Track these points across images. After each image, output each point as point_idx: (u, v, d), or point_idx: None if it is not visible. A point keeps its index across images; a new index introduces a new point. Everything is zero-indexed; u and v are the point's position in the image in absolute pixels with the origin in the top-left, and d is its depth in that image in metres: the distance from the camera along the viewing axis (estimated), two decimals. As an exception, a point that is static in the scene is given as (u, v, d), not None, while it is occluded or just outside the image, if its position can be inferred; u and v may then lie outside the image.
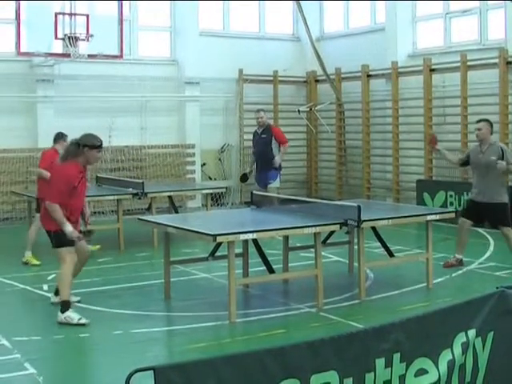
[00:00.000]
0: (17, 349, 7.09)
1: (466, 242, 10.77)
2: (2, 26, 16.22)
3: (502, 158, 10.35)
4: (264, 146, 13.52)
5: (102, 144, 8.33)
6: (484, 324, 4.67)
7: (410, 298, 9.01)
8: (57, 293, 8.52)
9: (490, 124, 10.79)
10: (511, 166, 10.41)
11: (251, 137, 15.01)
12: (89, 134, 8.39)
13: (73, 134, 16.25)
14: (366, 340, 4.16)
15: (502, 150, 10.48)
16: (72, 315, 8.01)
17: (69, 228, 7.93)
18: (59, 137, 11.53)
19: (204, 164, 18.50)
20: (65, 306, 8.06)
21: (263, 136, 13.65)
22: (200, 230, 8.10)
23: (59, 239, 8.06)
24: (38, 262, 11.24)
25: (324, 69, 17.75)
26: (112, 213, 14.29)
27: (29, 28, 15.82)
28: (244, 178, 14.27)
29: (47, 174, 10.84)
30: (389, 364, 4.22)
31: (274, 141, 13.58)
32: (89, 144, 8.18)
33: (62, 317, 8.00)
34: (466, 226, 10.67)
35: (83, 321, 7.98)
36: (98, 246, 11.96)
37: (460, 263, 10.72)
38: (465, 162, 11.10)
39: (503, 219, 10.54)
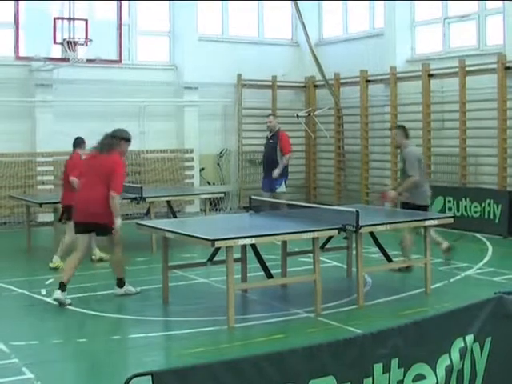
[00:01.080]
0: (14, 353, 7.08)
1: (409, 244, 10.57)
2: (1, 30, 16.24)
3: (405, 165, 10.61)
4: (270, 151, 13.54)
5: (131, 139, 9.54)
6: (482, 329, 4.67)
7: (408, 303, 9.01)
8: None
9: (403, 129, 11.06)
10: (407, 180, 10.52)
11: (250, 142, 15.02)
12: (122, 129, 9.49)
13: (72, 139, 16.32)
14: (364, 345, 4.16)
15: (404, 158, 10.67)
16: (130, 287, 9.41)
17: (120, 221, 9.14)
18: (82, 141, 11.84)
19: (203, 169, 18.50)
20: (122, 281, 9.37)
21: (271, 141, 13.72)
22: (198, 235, 8.09)
23: (109, 227, 9.07)
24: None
25: (323, 74, 17.78)
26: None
27: (27, 32, 15.84)
28: (253, 162, 14.23)
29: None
30: (387, 369, 4.22)
31: (278, 147, 13.58)
32: (125, 137, 9.36)
33: (121, 291, 9.33)
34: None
35: (138, 289, 9.49)
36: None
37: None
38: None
39: None
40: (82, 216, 9.20)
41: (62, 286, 8.92)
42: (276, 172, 13.52)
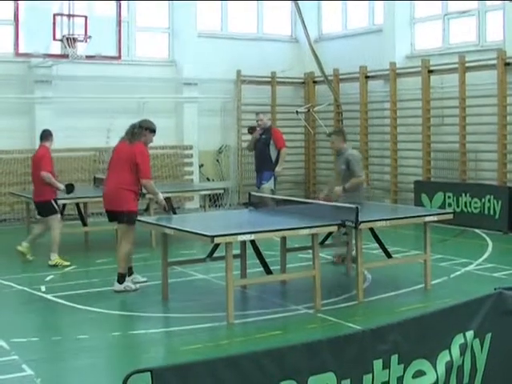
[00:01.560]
0: (15, 350, 7.07)
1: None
2: (0, 27, 16.21)
3: (348, 167, 10.50)
4: (262, 147, 13.57)
5: (156, 130, 9.75)
6: (482, 325, 4.67)
7: (408, 299, 9.01)
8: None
9: (341, 133, 10.98)
10: (354, 180, 10.45)
11: (249, 138, 14.95)
12: (148, 120, 9.82)
13: (72, 135, 16.27)
14: (364, 341, 4.15)
15: (348, 160, 10.55)
16: (130, 284, 9.40)
17: (161, 196, 9.66)
18: (49, 134, 11.65)
19: (202, 165, 18.50)
20: (123, 277, 9.35)
21: (263, 137, 13.71)
22: (198, 231, 8.09)
23: (131, 218, 9.30)
24: (68, 263, 11.22)
25: (322, 70, 17.77)
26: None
27: (27, 29, 15.80)
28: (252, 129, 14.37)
29: (54, 181, 11.01)
30: (387, 365, 4.22)
31: (272, 142, 13.61)
32: (150, 127, 9.64)
33: (120, 287, 9.29)
34: None
35: (137, 286, 9.47)
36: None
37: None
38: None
39: None
40: (107, 204, 9.64)
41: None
42: (277, 169, 13.55)
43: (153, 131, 9.70)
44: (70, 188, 11.52)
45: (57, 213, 11.37)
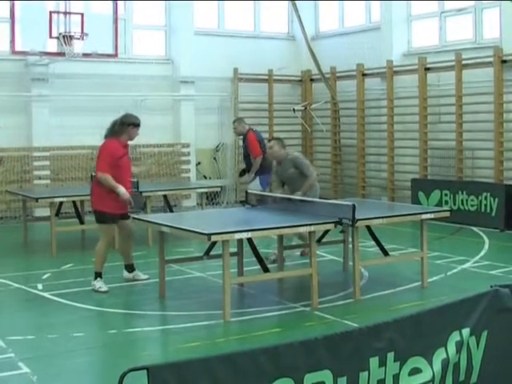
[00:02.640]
0: (11, 348, 7.07)
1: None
2: (-3, 25, 16.19)
3: (298, 169, 10.40)
4: (245, 153, 13.39)
5: (140, 123, 9.58)
6: (478, 323, 4.67)
7: (405, 296, 9.01)
8: (127, 269, 9.85)
9: (281, 141, 10.77)
10: (310, 180, 10.37)
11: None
12: (130, 114, 9.76)
13: (68, 133, 16.24)
14: (360, 339, 4.16)
15: (295, 163, 10.46)
16: (102, 285, 9.29)
17: (122, 190, 9.15)
18: None
19: (199, 163, 18.50)
20: (97, 275, 9.35)
21: (243, 145, 13.50)
22: (194, 229, 8.07)
23: (101, 217, 9.32)
24: None
25: (319, 68, 17.77)
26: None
27: (23, 27, 15.77)
28: (243, 173, 14.21)
29: None
30: (383, 363, 4.22)
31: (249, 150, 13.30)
32: (134, 123, 9.51)
33: (93, 282, 9.35)
34: None
35: (103, 289, 9.23)
36: None
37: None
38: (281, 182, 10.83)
39: None
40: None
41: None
42: (247, 177, 13.23)
43: (137, 125, 9.51)
44: None
45: None
